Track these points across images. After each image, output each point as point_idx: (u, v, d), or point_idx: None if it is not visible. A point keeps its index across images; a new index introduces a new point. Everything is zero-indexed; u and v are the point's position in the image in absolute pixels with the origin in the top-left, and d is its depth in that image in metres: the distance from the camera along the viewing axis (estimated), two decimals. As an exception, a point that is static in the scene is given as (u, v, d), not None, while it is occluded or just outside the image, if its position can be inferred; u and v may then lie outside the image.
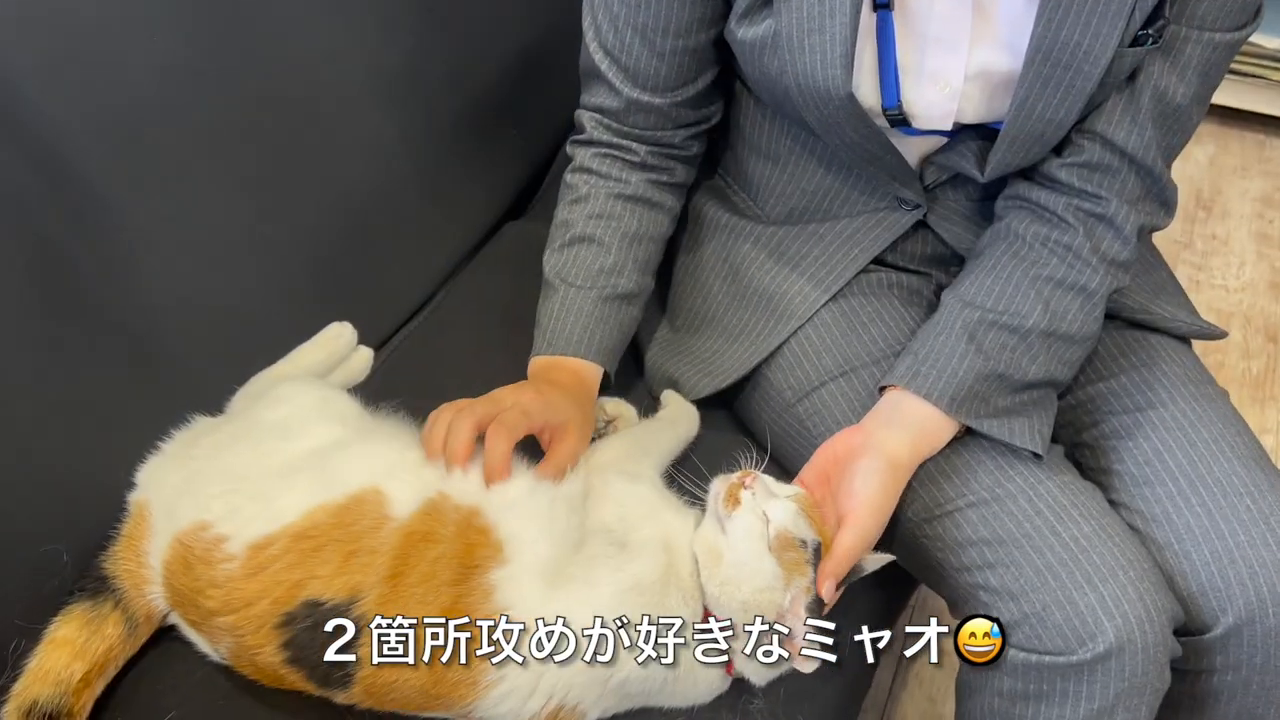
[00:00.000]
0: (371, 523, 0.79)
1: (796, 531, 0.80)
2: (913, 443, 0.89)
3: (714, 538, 0.81)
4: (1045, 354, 0.91)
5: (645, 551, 0.80)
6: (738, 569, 0.79)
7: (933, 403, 0.90)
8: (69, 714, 0.77)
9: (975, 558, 0.89)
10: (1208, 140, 2.39)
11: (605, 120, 1.02)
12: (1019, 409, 0.92)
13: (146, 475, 0.87)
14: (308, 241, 1.06)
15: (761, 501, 0.81)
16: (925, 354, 0.92)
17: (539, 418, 0.86)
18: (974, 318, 0.92)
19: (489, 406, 0.85)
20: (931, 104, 0.92)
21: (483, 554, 0.78)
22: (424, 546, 0.77)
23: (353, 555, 0.77)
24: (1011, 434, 0.90)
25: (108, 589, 0.82)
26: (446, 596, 0.76)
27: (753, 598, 0.78)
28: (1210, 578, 0.89)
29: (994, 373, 0.90)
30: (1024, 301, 0.92)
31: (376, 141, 1.13)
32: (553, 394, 0.89)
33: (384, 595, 0.76)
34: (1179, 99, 0.90)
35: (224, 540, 0.80)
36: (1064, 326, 0.92)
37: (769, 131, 1.03)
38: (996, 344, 0.91)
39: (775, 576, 0.78)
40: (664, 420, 1.00)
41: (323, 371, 1.03)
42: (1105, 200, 0.92)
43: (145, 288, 0.92)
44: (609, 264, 0.99)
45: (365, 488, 0.80)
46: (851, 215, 1.03)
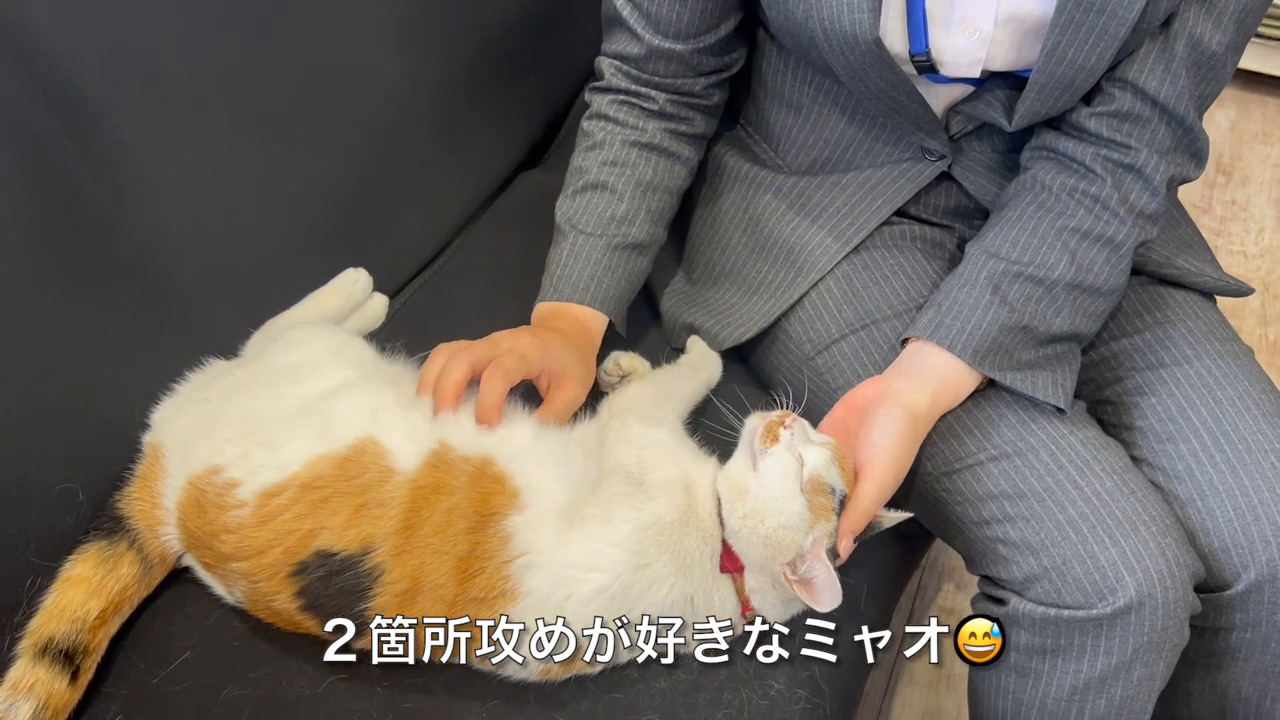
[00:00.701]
0: (376, 476, 0.78)
1: (829, 478, 0.79)
2: (933, 394, 0.88)
3: (743, 472, 0.81)
4: (1070, 306, 0.90)
5: (664, 491, 0.80)
6: (765, 503, 0.78)
7: (955, 354, 0.89)
8: (85, 651, 0.77)
9: (995, 511, 0.88)
10: (1229, 105, 2.36)
11: (625, 67, 1.01)
12: (1042, 363, 0.90)
13: (160, 416, 0.87)
14: (323, 186, 1.05)
15: (799, 444, 0.80)
16: (949, 306, 0.91)
17: (537, 363, 0.85)
18: (998, 269, 0.91)
19: (487, 349, 0.85)
20: (960, 50, 0.90)
21: (499, 501, 0.78)
22: (435, 499, 0.77)
23: (362, 508, 0.77)
24: (1034, 387, 0.89)
25: (123, 529, 0.82)
26: (464, 544, 0.76)
27: (775, 534, 0.78)
28: (1233, 534, 0.88)
29: (1018, 325, 0.89)
30: (1049, 253, 0.90)
31: (394, 87, 1.11)
32: (552, 340, 0.89)
33: (399, 546, 0.76)
34: (1214, 46, 0.88)
35: (236, 486, 0.80)
36: (1090, 279, 0.90)
37: (791, 79, 1.01)
38: (1021, 296, 0.90)
39: (802, 518, 0.78)
40: (686, 366, 0.99)
41: (338, 318, 1.03)
42: (1135, 150, 0.91)
43: (160, 228, 0.91)
44: (620, 212, 0.98)
45: (361, 438, 0.80)
46: (874, 166, 1.01)
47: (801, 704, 0.82)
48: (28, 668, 0.75)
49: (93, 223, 0.87)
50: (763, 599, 0.81)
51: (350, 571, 0.75)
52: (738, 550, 0.80)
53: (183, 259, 0.94)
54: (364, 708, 0.78)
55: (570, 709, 0.79)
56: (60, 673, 0.76)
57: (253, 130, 0.98)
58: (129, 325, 0.89)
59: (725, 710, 0.80)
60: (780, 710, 0.81)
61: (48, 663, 0.75)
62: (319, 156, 1.05)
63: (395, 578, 0.76)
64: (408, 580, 0.76)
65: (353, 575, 0.75)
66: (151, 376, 0.88)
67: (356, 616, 0.76)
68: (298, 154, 1.03)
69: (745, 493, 0.79)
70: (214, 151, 0.96)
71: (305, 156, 1.04)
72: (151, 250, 0.91)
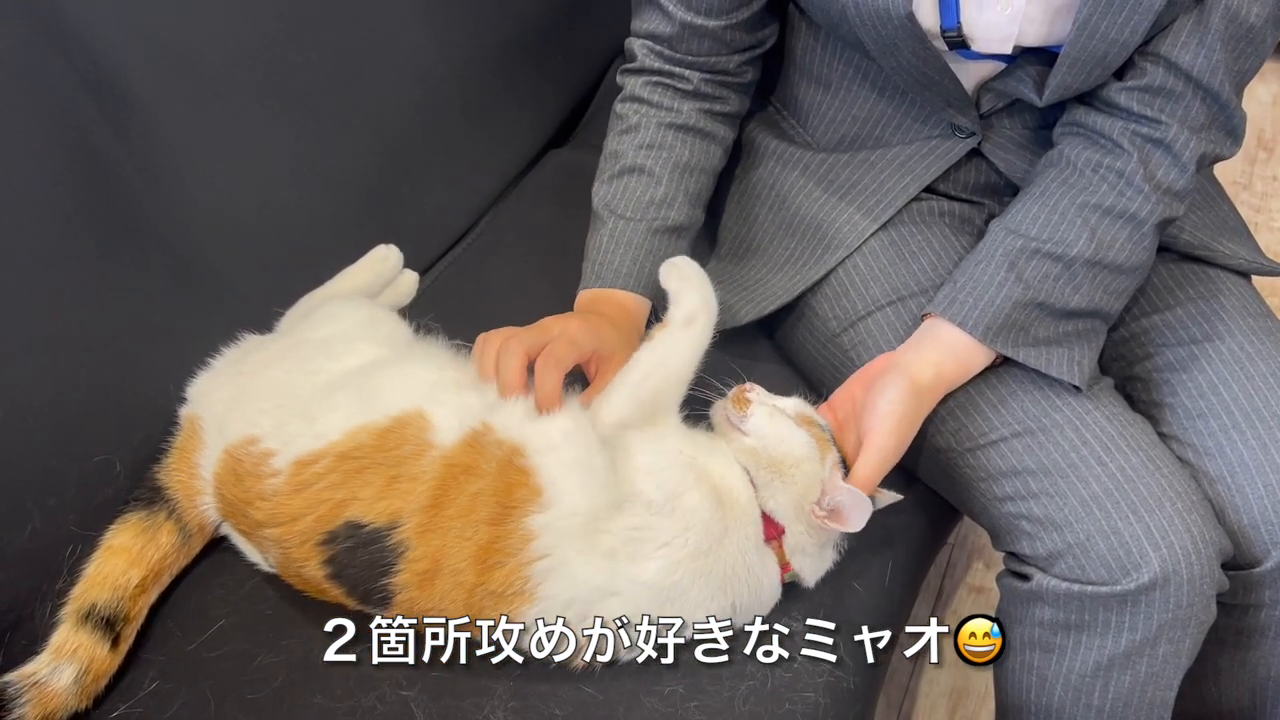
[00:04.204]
0: (414, 448, 0.79)
1: (810, 413, 0.84)
2: (937, 365, 0.89)
3: (744, 442, 0.83)
4: (1090, 283, 0.90)
5: (695, 517, 0.78)
6: (775, 447, 0.81)
7: (967, 330, 0.89)
8: (126, 618, 0.79)
9: (1019, 487, 0.88)
10: (1271, 79, 2.31)
11: (657, 47, 1.00)
12: (1061, 339, 0.90)
13: (197, 390, 0.89)
14: (353, 163, 1.06)
15: (767, 398, 0.85)
16: (964, 282, 0.91)
17: (587, 347, 0.85)
18: (1016, 245, 0.90)
19: (538, 335, 0.84)
20: (992, 26, 0.89)
21: (521, 495, 0.77)
22: (464, 480, 0.77)
23: (395, 480, 0.78)
24: (1049, 364, 0.89)
25: (162, 499, 0.84)
26: (484, 534, 0.76)
27: (796, 471, 0.81)
28: (1263, 511, 0.88)
29: (1034, 301, 0.89)
30: (1069, 229, 0.90)
31: (422, 63, 1.12)
32: (600, 324, 0.89)
33: (423, 524, 0.76)
34: (1253, 18, 0.86)
35: (271, 455, 0.81)
36: (1111, 255, 0.90)
37: (821, 55, 1.01)
38: (1039, 273, 0.89)
39: (811, 446, 0.81)
40: (670, 339, 0.84)
41: (369, 294, 1.04)
42: (1165, 125, 0.89)
43: (191, 203, 0.93)
44: (659, 195, 0.98)
45: (408, 410, 0.81)
46: (904, 143, 1.01)
47: (825, 676, 0.82)
48: (71, 633, 0.77)
49: (127, 201, 0.89)
50: (803, 557, 0.82)
51: (377, 545, 0.76)
52: (772, 511, 0.81)
53: (216, 236, 0.95)
54: (394, 675, 0.79)
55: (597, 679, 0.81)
56: (102, 639, 0.78)
57: (284, 109, 0.99)
58: (163, 301, 0.91)
59: (750, 681, 0.81)
60: (803, 681, 0.82)
61: (90, 629, 0.78)
62: (349, 134, 1.06)
63: (418, 556, 0.76)
64: (429, 560, 0.76)
65: (379, 549, 0.76)
66: (186, 351, 0.89)
67: (379, 590, 0.77)
68: (328, 132, 1.04)
69: (756, 453, 0.81)
70: (246, 130, 0.97)
71: (336, 135, 1.05)
72: (185, 228, 0.93)
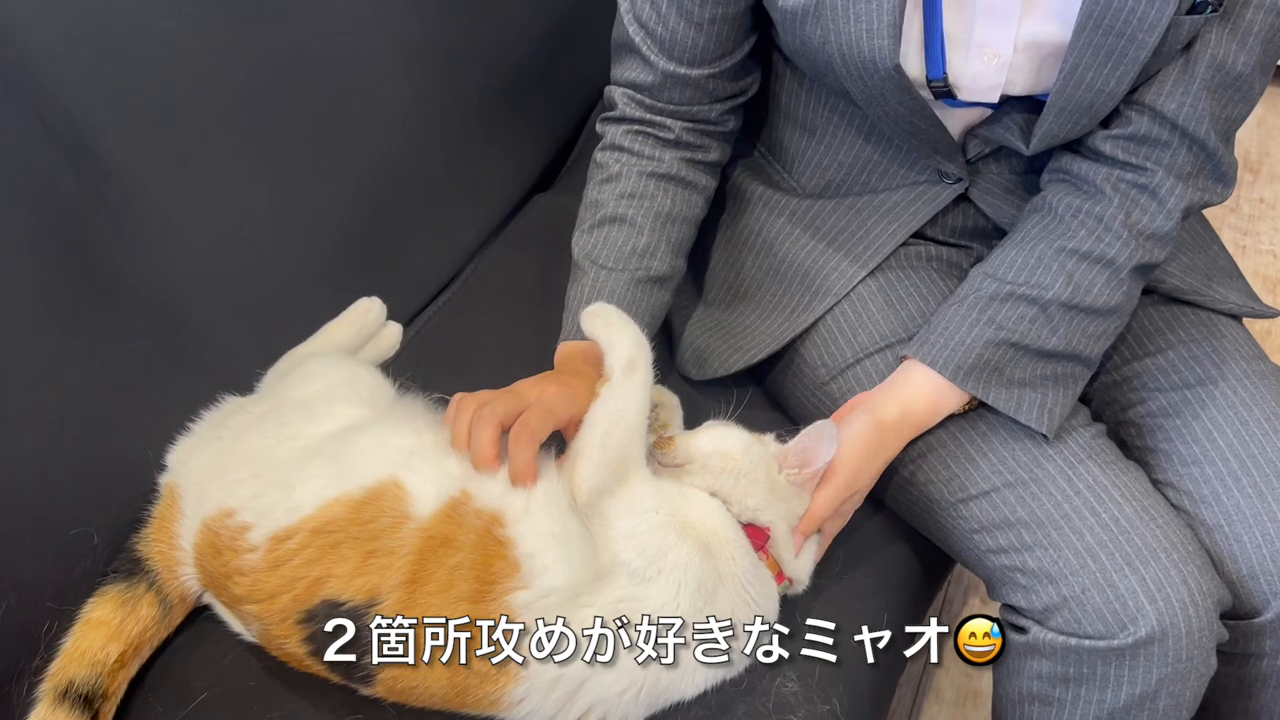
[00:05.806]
0: (391, 520, 0.76)
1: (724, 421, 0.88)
2: (905, 404, 0.89)
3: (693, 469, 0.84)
4: (1066, 326, 0.89)
5: (679, 573, 0.77)
6: (717, 450, 0.83)
7: (937, 370, 0.89)
8: (104, 695, 0.78)
9: (1013, 539, 0.87)
10: (1256, 101, 2.31)
11: (638, 96, 0.99)
12: (1036, 382, 0.89)
13: (176, 457, 0.87)
14: (334, 216, 1.05)
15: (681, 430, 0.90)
16: (937, 323, 0.91)
17: (564, 415, 0.82)
18: (990, 289, 0.90)
19: (513, 402, 0.81)
20: (978, 76, 0.88)
21: (499, 569, 0.75)
22: (443, 552, 0.75)
23: (371, 555, 0.75)
24: (1018, 409, 0.88)
25: (141, 570, 0.82)
26: (463, 611, 0.74)
27: (748, 459, 0.83)
28: (1261, 561, 0.87)
29: (1007, 341, 0.88)
30: (1045, 274, 0.89)
31: (402, 114, 1.11)
32: (577, 386, 0.85)
33: (401, 600, 0.74)
34: (1240, 67, 0.86)
35: (247, 529, 0.79)
36: (1088, 299, 0.89)
37: (806, 102, 1.00)
38: (1014, 315, 0.89)
39: (741, 432, 0.85)
40: (618, 392, 0.82)
41: (353, 348, 1.03)
42: (1150, 171, 0.89)
43: (171, 266, 0.91)
44: (641, 245, 0.97)
45: (383, 480, 0.78)
46: (890, 189, 1.00)
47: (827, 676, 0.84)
48: (48, 712, 0.75)
49: (105, 262, 0.88)
50: (789, 556, 0.84)
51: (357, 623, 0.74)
52: (753, 515, 0.82)
53: (195, 294, 0.94)
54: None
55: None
56: (80, 716, 0.76)
57: (262, 163, 0.98)
58: (143, 366, 0.89)
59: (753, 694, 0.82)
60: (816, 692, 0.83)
61: (68, 706, 0.76)
62: (329, 187, 1.04)
63: None
64: None
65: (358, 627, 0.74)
66: (166, 416, 0.88)
67: (361, 669, 0.75)
68: (308, 184, 1.03)
69: (707, 469, 0.83)
70: (224, 185, 0.96)
71: (315, 186, 1.03)
72: (165, 289, 0.91)
